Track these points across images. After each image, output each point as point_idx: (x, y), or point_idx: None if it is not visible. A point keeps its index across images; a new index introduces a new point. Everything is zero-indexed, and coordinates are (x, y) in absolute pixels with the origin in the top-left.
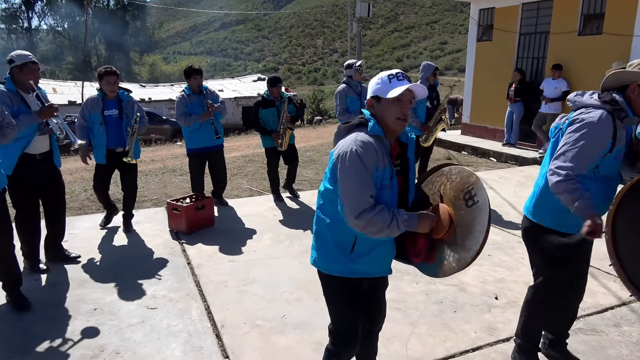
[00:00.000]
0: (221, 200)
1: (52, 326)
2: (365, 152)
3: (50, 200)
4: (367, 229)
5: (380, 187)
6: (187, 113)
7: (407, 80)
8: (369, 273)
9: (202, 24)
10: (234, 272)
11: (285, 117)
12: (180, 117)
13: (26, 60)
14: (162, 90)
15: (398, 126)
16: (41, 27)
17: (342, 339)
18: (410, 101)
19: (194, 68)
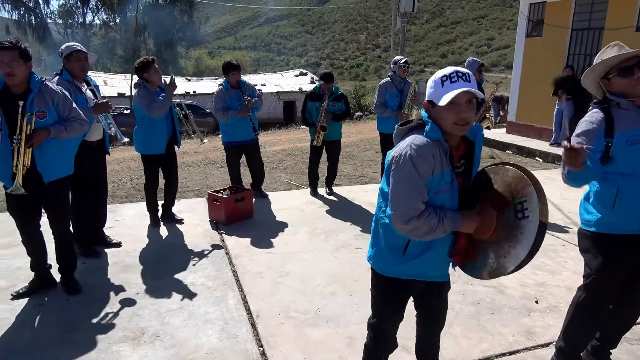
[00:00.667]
0: (260, 192)
1: (97, 307)
2: (420, 158)
3: (98, 186)
4: (412, 233)
5: (436, 192)
6: (225, 108)
7: (462, 80)
8: (421, 275)
9: (246, 19)
10: (270, 263)
11: (324, 114)
12: (218, 111)
13: (71, 50)
14: (206, 84)
15: (457, 131)
16: (95, 22)
17: (379, 335)
18: (469, 102)
19: (232, 64)
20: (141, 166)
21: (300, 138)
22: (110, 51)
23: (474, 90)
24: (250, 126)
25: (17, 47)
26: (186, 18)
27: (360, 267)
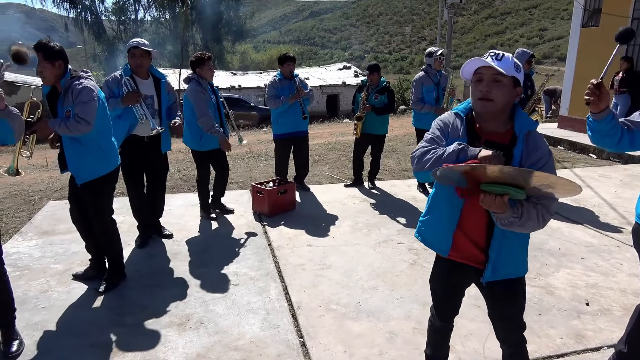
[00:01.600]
0: (303, 185)
1: (146, 293)
2: (439, 119)
3: (153, 181)
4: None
5: None
6: (277, 95)
7: (491, 58)
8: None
9: (291, 13)
10: (312, 256)
11: (363, 104)
12: (270, 99)
13: (129, 46)
14: (251, 78)
15: (478, 107)
16: (146, 18)
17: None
18: (494, 81)
19: (288, 56)
20: (188, 158)
21: (343, 132)
22: (159, 46)
23: (493, 64)
24: (300, 113)
25: (41, 48)
26: (232, 13)
27: (402, 262)
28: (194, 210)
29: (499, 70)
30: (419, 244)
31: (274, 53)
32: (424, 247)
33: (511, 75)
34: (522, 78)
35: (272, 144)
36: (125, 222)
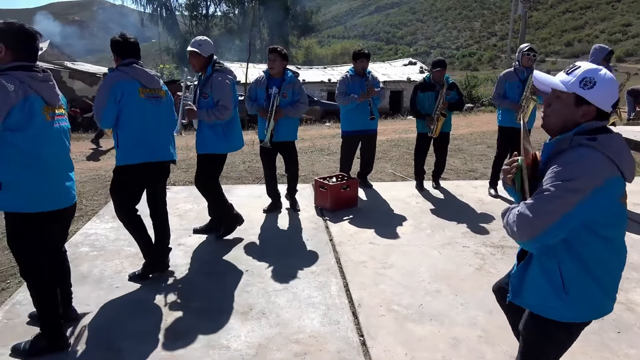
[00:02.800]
0: (366, 182)
1: (211, 281)
2: None
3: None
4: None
5: None
6: (347, 92)
7: (565, 71)
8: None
9: (357, 8)
10: (374, 253)
11: (442, 103)
12: (340, 95)
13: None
14: (315, 73)
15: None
16: (216, 13)
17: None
18: (556, 95)
19: (362, 52)
20: (253, 150)
21: (406, 129)
22: (228, 41)
23: (544, 78)
24: (369, 112)
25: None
26: (299, 8)
27: (467, 266)
28: (258, 201)
29: (555, 85)
30: (485, 248)
31: (338, 48)
32: (490, 252)
33: (572, 92)
34: (596, 94)
35: (335, 139)
36: (193, 210)
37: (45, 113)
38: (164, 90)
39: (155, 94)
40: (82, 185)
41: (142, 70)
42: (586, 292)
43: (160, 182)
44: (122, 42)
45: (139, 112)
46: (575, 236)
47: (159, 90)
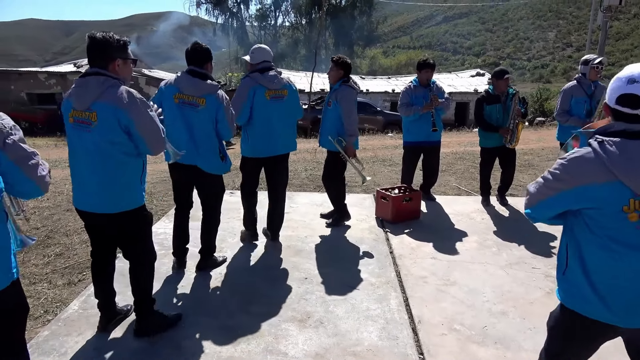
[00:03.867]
0: (429, 195)
1: (272, 285)
2: None
3: (272, 182)
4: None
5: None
6: (410, 103)
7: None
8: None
9: (424, 18)
10: (435, 269)
11: (516, 111)
12: (402, 106)
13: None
14: (379, 83)
15: None
16: (284, 24)
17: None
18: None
19: (427, 62)
20: (315, 158)
21: (472, 141)
22: (294, 51)
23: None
24: (431, 124)
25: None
26: (365, 18)
27: (536, 289)
28: (319, 209)
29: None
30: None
31: (403, 58)
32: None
33: None
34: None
35: (397, 150)
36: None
37: (70, 117)
38: (286, 90)
39: (278, 94)
40: (154, 186)
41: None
42: (576, 283)
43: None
44: (190, 50)
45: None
46: (578, 227)
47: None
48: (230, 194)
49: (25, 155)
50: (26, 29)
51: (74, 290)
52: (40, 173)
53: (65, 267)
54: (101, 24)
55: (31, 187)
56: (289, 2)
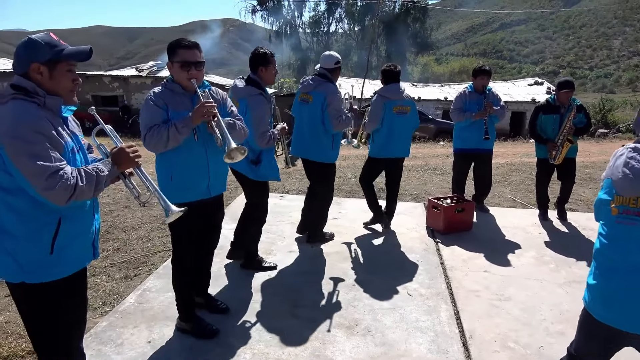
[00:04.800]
0: (482, 206)
1: (319, 290)
2: None
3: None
4: None
5: None
6: (463, 109)
7: None
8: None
9: (479, 25)
10: (488, 283)
11: (568, 127)
12: (454, 111)
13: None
14: (431, 90)
15: None
16: (337, 30)
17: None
18: None
19: (483, 69)
20: None
21: (528, 152)
22: (345, 58)
23: None
24: (483, 131)
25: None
26: (418, 25)
27: None
28: (367, 215)
29: None
30: None
31: (457, 66)
32: None
33: None
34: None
35: (449, 159)
36: None
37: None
38: (409, 107)
39: (402, 110)
40: None
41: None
42: (589, 284)
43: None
44: (258, 54)
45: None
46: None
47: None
48: (280, 197)
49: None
50: (94, 35)
51: (130, 284)
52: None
53: (123, 262)
54: (161, 30)
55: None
56: (342, 9)
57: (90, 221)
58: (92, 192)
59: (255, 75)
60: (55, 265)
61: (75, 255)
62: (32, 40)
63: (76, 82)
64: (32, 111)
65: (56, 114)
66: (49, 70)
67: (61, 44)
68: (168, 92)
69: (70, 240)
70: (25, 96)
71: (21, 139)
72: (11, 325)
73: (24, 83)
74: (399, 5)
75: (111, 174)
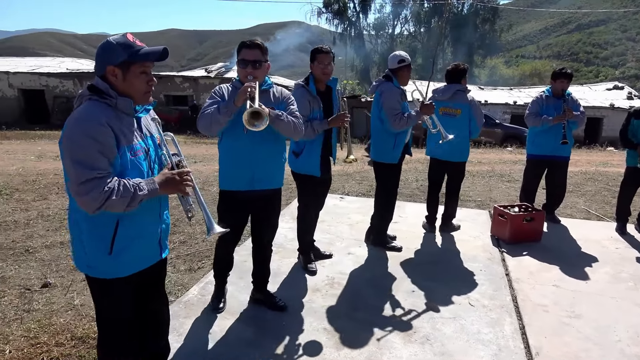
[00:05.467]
0: (552, 216)
1: (377, 294)
2: None
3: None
4: None
5: None
6: (539, 113)
7: None
8: None
9: (553, 26)
10: (558, 298)
11: None
12: (530, 115)
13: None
14: (499, 94)
15: None
16: (402, 32)
17: None
18: None
19: (565, 72)
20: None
21: (604, 161)
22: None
23: None
24: (560, 136)
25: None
26: (488, 26)
27: None
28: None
29: None
30: None
31: (527, 69)
32: None
33: None
34: None
35: (517, 165)
36: (364, 221)
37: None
38: (459, 110)
39: (450, 112)
40: None
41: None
42: None
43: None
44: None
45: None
46: None
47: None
48: (340, 198)
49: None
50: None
51: (194, 277)
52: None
53: (188, 254)
54: (229, 33)
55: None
56: (408, 11)
57: (154, 222)
58: (123, 207)
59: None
60: (115, 265)
61: (135, 256)
62: (108, 42)
63: (151, 83)
64: (96, 114)
65: (129, 114)
66: (122, 73)
67: (136, 45)
68: (233, 88)
69: (130, 242)
70: (99, 97)
71: (72, 140)
72: (85, 308)
73: (100, 85)
74: (468, 5)
75: (150, 194)
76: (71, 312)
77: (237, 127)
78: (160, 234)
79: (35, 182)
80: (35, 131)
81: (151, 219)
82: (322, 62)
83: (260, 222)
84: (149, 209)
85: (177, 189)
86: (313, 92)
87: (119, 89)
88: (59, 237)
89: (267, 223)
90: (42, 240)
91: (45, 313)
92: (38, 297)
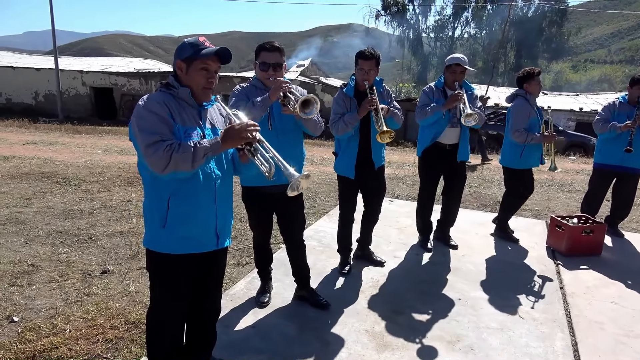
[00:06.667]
0: (615, 229)
1: (420, 299)
2: None
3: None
4: None
5: None
6: (608, 121)
7: None
8: None
9: (627, 29)
10: (616, 316)
11: None
12: (598, 122)
13: (450, 62)
14: (564, 100)
15: None
16: (462, 35)
17: None
18: None
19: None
20: (481, 175)
21: None
22: (470, 62)
23: None
24: (626, 145)
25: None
26: (555, 29)
27: None
28: (479, 228)
29: None
30: None
31: (596, 74)
32: None
33: None
34: None
35: (579, 175)
36: (412, 225)
37: None
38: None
39: None
40: (318, 187)
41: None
42: None
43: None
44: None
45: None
46: None
47: None
48: (389, 202)
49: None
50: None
51: (242, 271)
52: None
53: (237, 249)
54: (288, 35)
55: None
56: (470, 13)
57: (208, 206)
58: (190, 163)
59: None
60: (168, 238)
61: (188, 235)
62: (183, 42)
63: (211, 79)
64: (158, 97)
65: (190, 104)
66: (186, 67)
67: (203, 45)
68: (252, 87)
69: (182, 220)
70: (165, 89)
71: (137, 116)
72: (139, 295)
73: (170, 78)
74: (534, 7)
75: (213, 148)
76: (126, 298)
77: (262, 124)
78: (216, 221)
79: (100, 174)
80: (103, 127)
81: (204, 201)
82: (363, 68)
83: (286, 218)
84: (201, 189)
85: (241, 137)
86: (349, 94)
87: (182, 81)
88: (119, 226)
89: (292, 218)
90: (104, 229)
91: (103, 297)
92: (97, 282)
